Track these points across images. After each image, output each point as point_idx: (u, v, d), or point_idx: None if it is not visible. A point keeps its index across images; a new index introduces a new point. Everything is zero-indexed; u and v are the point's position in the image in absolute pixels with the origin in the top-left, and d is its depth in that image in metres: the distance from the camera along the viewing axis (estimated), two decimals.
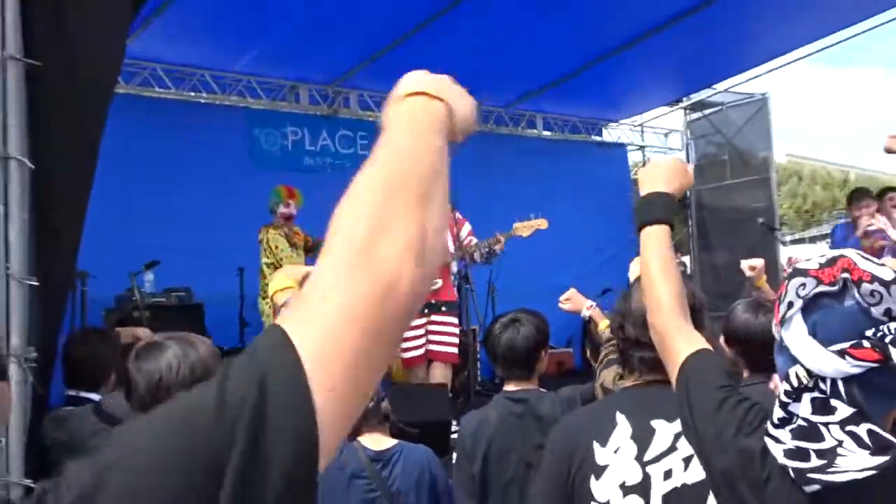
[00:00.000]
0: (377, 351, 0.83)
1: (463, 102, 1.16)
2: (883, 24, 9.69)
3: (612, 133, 12.32)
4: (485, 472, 3.11)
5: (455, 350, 7.00)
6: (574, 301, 3.79)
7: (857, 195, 7.89)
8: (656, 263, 1.89)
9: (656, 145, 12.52)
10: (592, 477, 2.11)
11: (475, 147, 10.89)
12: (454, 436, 4.39)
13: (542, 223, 7.17)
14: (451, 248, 6.93)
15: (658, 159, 2.12)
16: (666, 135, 12.57)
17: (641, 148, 12.48)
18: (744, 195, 11.56)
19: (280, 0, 8.01)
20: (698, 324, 2.04)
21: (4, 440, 2.74)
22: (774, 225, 11.10)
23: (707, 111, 11.94)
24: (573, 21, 9.05)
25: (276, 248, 7.45)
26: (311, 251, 7.64)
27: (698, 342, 1.78)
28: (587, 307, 3.73)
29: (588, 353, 3.77)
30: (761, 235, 10.62)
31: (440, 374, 6.90)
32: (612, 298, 9.44)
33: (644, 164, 12.84)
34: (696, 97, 11.89)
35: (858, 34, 10.03)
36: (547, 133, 11.68)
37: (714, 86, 11.60)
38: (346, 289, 0.83)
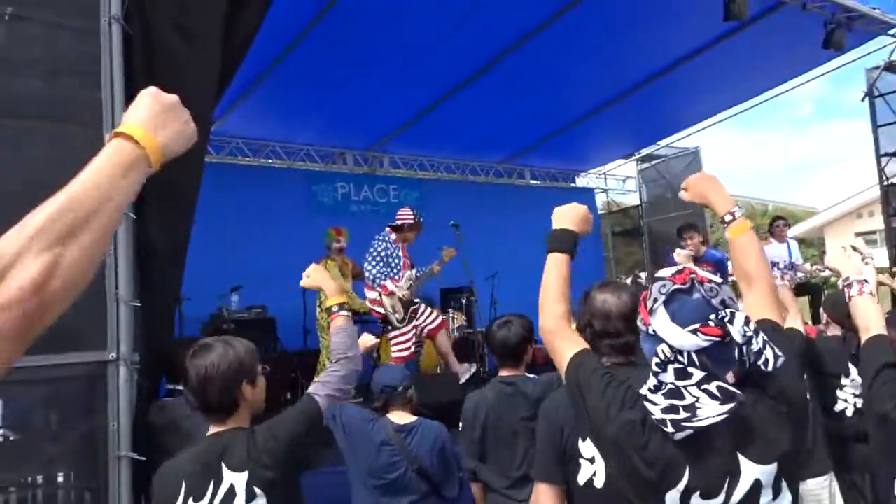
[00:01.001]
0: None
1: (173, 130, 1.09)
2: (782, 93, 9.66)
3: (582, 180, 12.26)
4: (483, 437, 3.07)
5: (440, 318, 6.63)
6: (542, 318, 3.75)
7: (683, 228, 7.62)
8: (553, 283, 1.90)
9: (617, 188, 12.45)
10: (580, 438, 2.08)
11: (479, 193, 10.95)
12: None
13: (452, 251, 6.76)
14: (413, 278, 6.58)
15: (572, 205, 2.13)
16: (623, 180, 12.50)
17: (605, 191, 12.42)
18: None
19: (330, 90, 8.10)
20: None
21: (116, 424, 2.74)
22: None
23: (654, 161, 11.89)
24: (553, 95, 9.09)
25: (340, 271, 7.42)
26: (356, 277, 7.60)
27: (580, 343, 1.79)
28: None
29: None
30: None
31: (443, 340, 6.56)
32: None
33: (608, 206, 12.86)
34: (645, 151, 11.84)
35: (766, 100, 9.98)
36: (533, 181, 11.64)
37: (658, 142, 11.58)
38: None
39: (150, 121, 1.05)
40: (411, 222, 6.56)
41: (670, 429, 1.48)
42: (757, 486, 1.50)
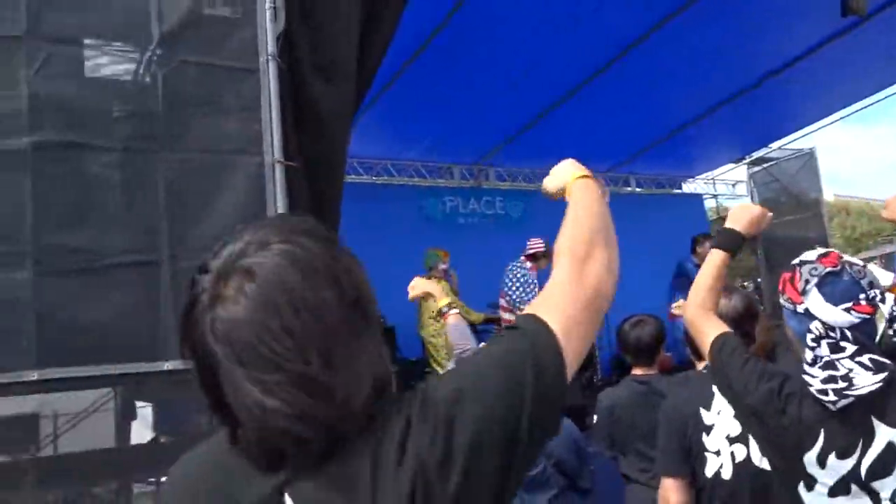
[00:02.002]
0: (588, 331, 1.08)
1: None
2: None
3: (689, 186, 12.06)
4: (620, 435, 3.19)
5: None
6: (684, 308, 3.81)
7: (700, 238, 8.40)
8: (706, 275, 2.07)
9: (726, 193, 12.17)
10: (703, 433, 2.19)
11: None
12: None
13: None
14: None
15: (748, 206, 2.25)
16: (733, 185, 12.21)
17: (715, 197, 12.17)
18: (800, 229, 11.08)
19: (438, 107, 8.39)
20: (756, 324, 2.18)
21: None
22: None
23: (766, 164, 11.55)
24: (659, 101, 9.06)
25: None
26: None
27: (722, 327, 1.94)
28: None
29: (690, 351, 3.75)
30: None
31: None
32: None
33: (717, 211, 12.57)
34: (756, 154, 11.53)
35: (889, 96, 9.56)
36: (638, 189, 11.56)
37: (770, 145, 11.25)
38: (572, 293, 1.08)
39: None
40: (542, 250, 7.22)
41: (832, 397, 1.63)
42: (890, 448, 1.64)
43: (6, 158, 2.65)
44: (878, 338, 1.70)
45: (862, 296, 1.70)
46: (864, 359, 1.65)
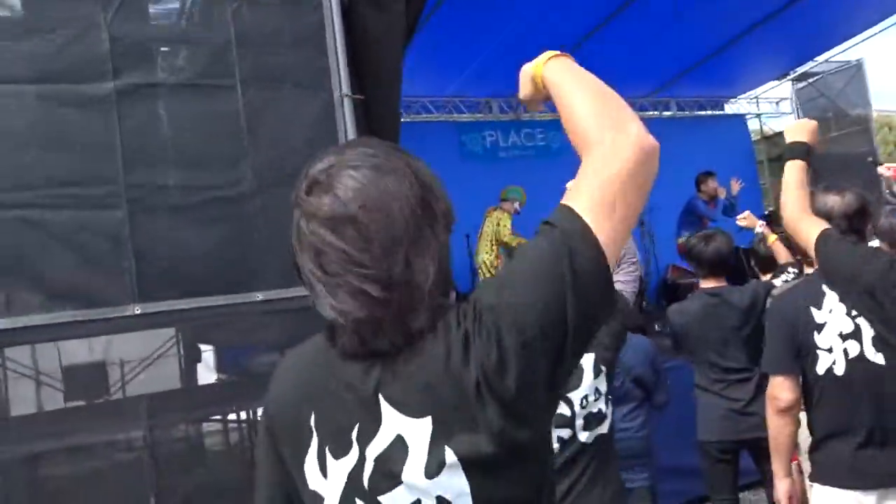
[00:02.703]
0: (629, 210, 1.01)
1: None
2: None
3: (732, 107, 11.82)
4: (692, 347, 3.26)
5: None
6: (749, 220, 3.84)
7: (702, 176, 8.28)
8: (791, 181, 2.22)
9: (770, 112, 11.91)
10: (815, 332, 2.26)
11: None
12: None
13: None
14: None
15: (802, 121, 2.34)
16: (776, 103, 11.92)
17: (758, 116, 11.91)
18: (847, 145, 10.84)
19: (476, 40, 8.29)
20: (868, 222, 2.21)
21: None
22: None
23: (811, 79, 11.24)
24: (700, 20, 8.82)
25: (501, 224, 7.70)
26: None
27: (822, 224, 2.02)
28: (759, 225, 3.77)
29: (754, 264, 3.78)
30: (866, 175, 9.94)
31: None
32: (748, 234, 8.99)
33: (761, 132, 12.32)
34: (800, 70, 11.20)
35: None
36: (679, 113, 11.36)
37: (815, 59, 10.92)
38: (602, 174, 1.01)
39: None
40: None
41: None
42: None
43: (95, 103, 2.73)
44: None
45: None
46: None
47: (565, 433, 2.25)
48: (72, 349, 2.74)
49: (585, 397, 2.26)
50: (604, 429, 2.28)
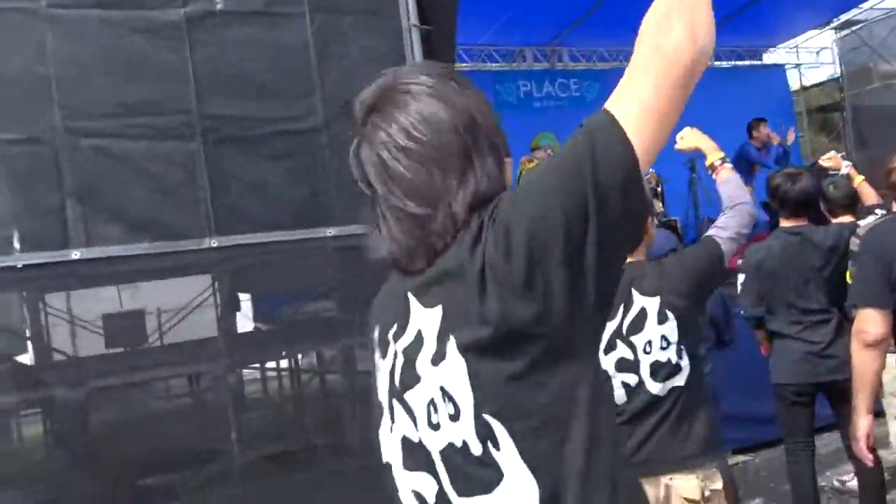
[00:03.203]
0: (670, 105, 0.96)
1: None
2: None
3: (771, 56, 11.55)
4: (770, 287, 3.20)
5: None
6: (834, 160, 3.75)
7: (755, 122, 8.21)
8: None
9: (810, 62, 11.63)
10: None
11: None
12: None
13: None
14: None
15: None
16: (817, 53, 11.64)
17: (797, 66, 11.63)
18: (892, 97, 10.57)
19: None
20: None
21: None
22: None
23: (854, 27, 10.92)
24: None
25: None
26: None
27: None
28: (845, 166, 3.68)
29: (824, 207, 3.68)
30: None
31: None
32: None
33: (800, 81, 12.06)
34: (843, 17, 10.89)
35: None
36: (717, 63, 11.11)
37: (859, 6, 10.60)
38: (646, 74, 0.96)
39: None
40: None
41: None
42: None
43: (165, 30, 2.67)
44: None
45: None
46: None
47: (632, 379, 2.23)
48: (148, 284, 2.73)
49: (649, 342, 2.22)
50: (679, 381, 2.22)
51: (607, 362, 2.23)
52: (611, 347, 2.24)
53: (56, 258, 2.49)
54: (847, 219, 3.39)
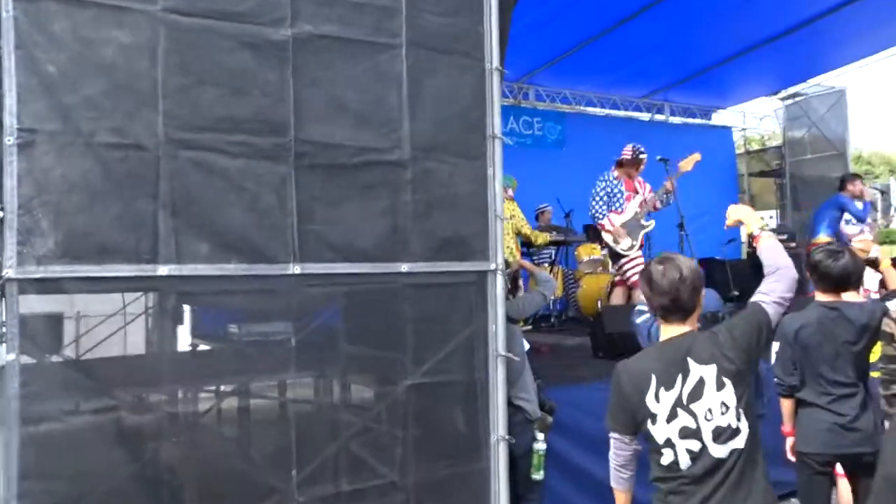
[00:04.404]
0: None
1: None
2: None
3: (720, 117, 12.27)
4: (803, 357, 3.40)
5: None
6: (866, 245, 3.96)
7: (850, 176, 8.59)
8: None
9: (754, 127, 12.41)
10: None
11: (617, 127, 11.08)
12: None
13: (697, 156, 7.13)
14: (638, 205, 6.96)
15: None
16: (760, 119, 12.44)
17: (743, 130, 12.40)
18: (824, 169, 11.40)
19: None
20: None
21: (494, 326, 3.15)
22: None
23: (797, 98, 11.73)
24: (703, 36, 9.14)
25: (517, 216, 7.71)
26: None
27: None
28: (875, 249, 3.89)
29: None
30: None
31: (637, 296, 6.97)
32: (734, 248, 9.32)
33: (744, 144, 12.82)
34: (791, 90, 11.70)
35: None
36: (672, 118, 11.70)
37: (803, 82, 11.42)
38: None
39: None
40: (629, 157, 7.02)
41: None
42: None
43: (272, 48, 2.63)
44: None
45: None
46: None
47: (695, 445, 2.37)
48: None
49: (710, 410, 2.36)
50: (739, 443, 2.37)
51: (670, 430, 2.38)
52: (673, 416, 2.38)
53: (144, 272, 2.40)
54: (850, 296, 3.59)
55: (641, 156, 7.04)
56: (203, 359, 2.67)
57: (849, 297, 3.46)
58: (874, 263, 3.79)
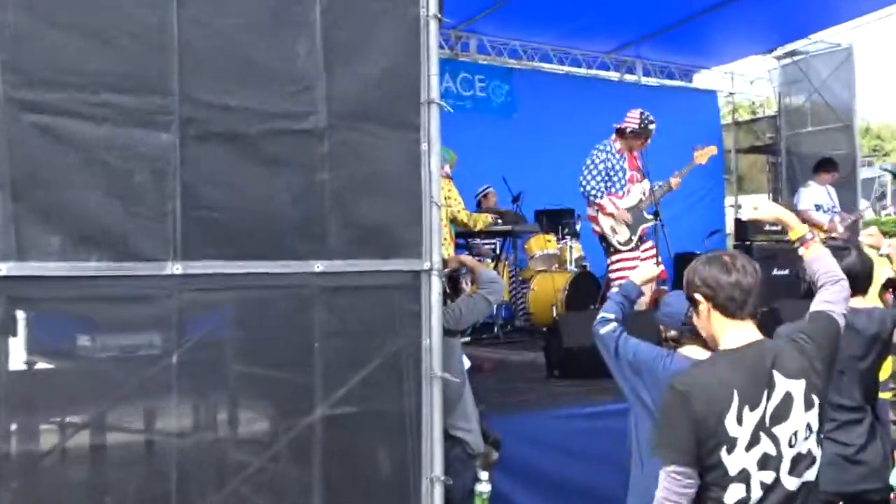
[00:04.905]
0: None
1: None
2: None
3: (703, 79, 12.62)
4: None
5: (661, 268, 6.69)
6: (876, 238, 4.14)
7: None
8: None
9: (744, 92, 12.81)
10: None
11: (579, 90, 11.27)
12: None
13: (712, 149, 7.22)
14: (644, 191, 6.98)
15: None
16: (751, 82, 12.85)
17: (731, 94, 12.78)
18: (827, 143, 11.74)
19: None
20: None
21: (429, 340, 3.19)
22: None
23: (795, 58, 12.12)
24: None
25: (452, 197, 7.31)
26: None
27: None
28: (888, 245, 4.06)
29: None
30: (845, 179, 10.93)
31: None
32: (718, 240, 9.64)
33: (732, 113, 13.22)
34: (788, 47, 12.07)
35: None
36: (645, 79, 11.97)
37: (802, 38, 11.79)
38: None
39: None
40: (635, 127, 6.87)
41: None
42: None
43: None
44: None
45: None
46: None
47: (769, 477, 2.43)
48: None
49: (795, 434, 2.45)
50: (811, 475, 2.49)
51: (748, 460, 2.41)
52: (754, 442, 2.40)
53: None
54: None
55: (651, 125, 6.94)
56: (45, 381, 2.62)
57: (856, 302, 3.63)
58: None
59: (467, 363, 4.27)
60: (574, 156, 8.74)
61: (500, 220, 8.25)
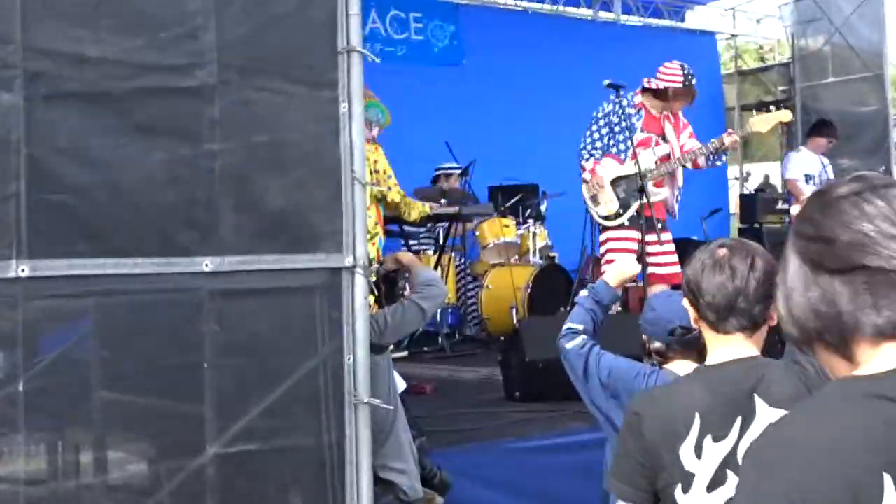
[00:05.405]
0: None
1: None
2: None
3: (698, 17, 12.77)
4: None
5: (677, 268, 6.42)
6: None
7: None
8: None
9: (749, 35, 12.98)
10: None
11: (542, 31, 11.33)
12: None
13: (784, 114, 7.04)
14: (675, 154, 6.76)
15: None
16: (758, 21, 13.01)
17: (733, 37, 12.94)
18: (852, 98, 11.98)
19: None
20: None
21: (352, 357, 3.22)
22: None
23: None
24: None
25: (381, 169, 6.96)
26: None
27: None
28: None
29: None
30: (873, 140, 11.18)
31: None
32: (719, 222, 9.88)
33: (735, 59, 13.38)
34: None
35: None
36: (625, 17, 12.08)
37: None
38: None
39: None
40: (678, 86, 6.68)
41: None
42: None
43: None
44: None
45: None
46: None
47: None
48: None
49: None
50: None
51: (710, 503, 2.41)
52: (719, 481, 2.40)
53: None
54: None
55: (692, 80, 6.75)
56: None
57: None
58: None
59: (402, 385, 4.29)
60: (537, 117, 8.87)
61: (443, 202, 8.10)
